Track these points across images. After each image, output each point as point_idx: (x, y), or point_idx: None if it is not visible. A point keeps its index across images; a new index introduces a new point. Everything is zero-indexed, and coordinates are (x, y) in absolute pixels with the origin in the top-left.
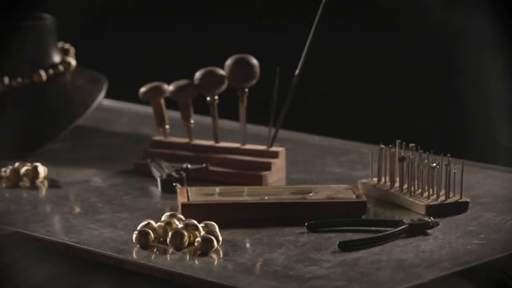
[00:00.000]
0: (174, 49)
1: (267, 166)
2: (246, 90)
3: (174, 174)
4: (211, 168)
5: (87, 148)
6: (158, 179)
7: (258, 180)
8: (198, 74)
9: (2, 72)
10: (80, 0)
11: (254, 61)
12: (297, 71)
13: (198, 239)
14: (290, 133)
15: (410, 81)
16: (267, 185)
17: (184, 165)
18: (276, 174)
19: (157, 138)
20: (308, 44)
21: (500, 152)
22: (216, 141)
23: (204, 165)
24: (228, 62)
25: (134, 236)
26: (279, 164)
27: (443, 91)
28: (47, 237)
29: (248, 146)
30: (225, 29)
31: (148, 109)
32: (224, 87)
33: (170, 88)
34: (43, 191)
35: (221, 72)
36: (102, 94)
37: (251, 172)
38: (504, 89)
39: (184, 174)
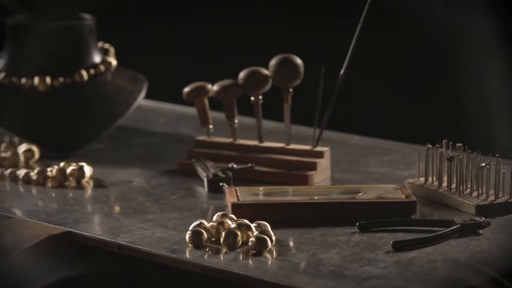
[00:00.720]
0: (209, 48)
1: (313, 166)
2: (291, 89)
3: (220, 174)
4: (256, 168)
5: (128, 148)
6: (205, 179)
7: (304, 180)
8: (242, 74)
9: (44, 72)
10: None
11: (299, 60)
12: (342, 71)
13: (252, 238)
14: (330, 133)
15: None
16: (312, 185)
17: (230, 165)
18: (321, 174)
19: (201, 138)
20: (353, 44)
21: None
22: (261, 141)
23: (249, 165)
24: (273, 61)
25: (188, 235)
26: (324, 164)
27: (490, 91)
28: (100, 237)
29: (292, 146)
30: (267, 28)
31: (185, 109)
32: (268, 86)
33: (214, 88)
34: (89, 190)
35: (266, 71)
36: (143, 94)
37: (297, 172)
38: None
39: (230, 174)
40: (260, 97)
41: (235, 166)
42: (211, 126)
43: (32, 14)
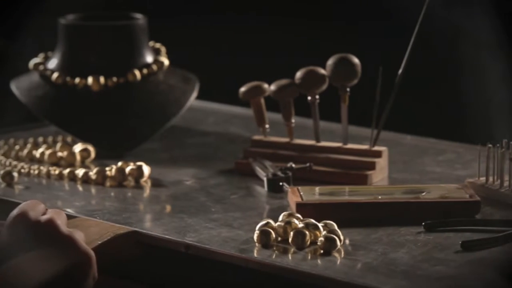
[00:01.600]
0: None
1: (371, 166)
2: (348, 89)
3: (279, 173)
4: (314, 167)
5: (181, 148)
6: (265, 179)
7: (363, 180)
8: (299, 74)
9: (98, 72)
10: None
11: (356, 60)
12: (400, 71)
13: (321, 238)
14: (382, 132)
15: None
16: (370, 185)
17: (288, 165)
18: (379, 173)
19: (257, 137)
20: (411, 44)
21: None
22: (318, 140)
23: (307, 164)
24: (330, 61)
25: (256, 235)
26: (382, 164)
27: None
28: (166, 237)
29: (350, 146)
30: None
31: (233, 109)
32: (325, 86)
33: (271, 87)
34: (148, 190)
35: (322, 71)
36: (195, 93)
37: (356, 171)
38: None
39: (290, 174)
40: (317, 96)
41: (293, 165)
42: (267, 126)
43: (84, 14)
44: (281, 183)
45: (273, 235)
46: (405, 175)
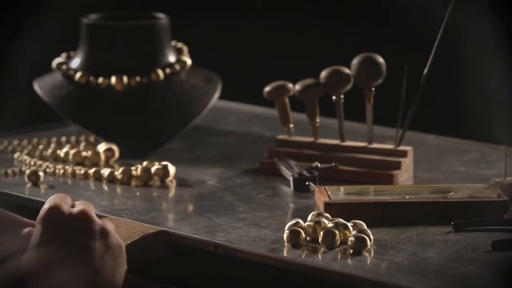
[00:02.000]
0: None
1: (397, 165)
2: (373, 89)
3: (305, 173)
4: (339, 167)
5: (204, 147)
6: (291, 178)
7: (389, 180)
8: (324, 73)
9: (121, 71)
10: None
11: (381, 59)
12: (425, 70)
13: (351, 238)
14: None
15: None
16: (396, 185)
17: (314, 164)
18: (405, 173)
19: (282, 137)
20: (437, 44)
21: None
22: (342, 140)
23: (333, 164)
24: (355, 61)
25: (285, 235)
26: (407, 163)
27: None
28: (195, 236)
29: (375, 145)
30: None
31: (254, 108)
32: (349, 86)
33: (296, 87)
34: (174, 190)
35: (347, 71)
36: (217, 93)
37: (382, 171)
38: None
39: (316, 173)
40: (342, 96)
41: (319, 165)
42: (291, 125)
43: (106, 14)
44: (307, 183)
45: (303, 234)
46: (430, 175)
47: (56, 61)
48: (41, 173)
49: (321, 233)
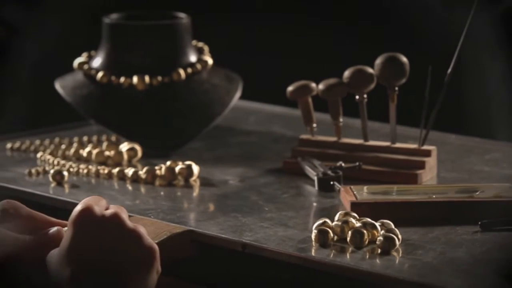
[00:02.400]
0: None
1: (421, 165)
2: (396, 88)
3: (330, 172)
4: (363, 166)
5: (225, 147)
6: (315, 178)
7: (413, 179)
8: (347, 73)
9: (142, 71)
10: None
11: (404, 59)
12: (449, 70)
13: (380, 237)
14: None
15: None
16: (420, 184)
17: (338, 164)
18: (429, 173)
19: (305, 136)
20: (461, 43)
21: None
22: (366, 139)
23: (357, 163)
24: (378, 60)
25: (314, 234)
26: (431, 163)
27: None
28: (223, 236)
29: (398, 145)
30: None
31: (274, 108)
32: (373, 85)
33: (320, 86)
34: (198, 189)
35: (370, 70)
36: (239, 93)
37: (406, 170)
38: None
39: (341, 173)
40: (365, 95)
41: (343, 164)
42: (314, 125)
43: (128, 14)
44: (331, 182)
45: (331, 234)
46: (454, 174)
47: (77, 61)
48: (65, 173)
49: (349, 232)
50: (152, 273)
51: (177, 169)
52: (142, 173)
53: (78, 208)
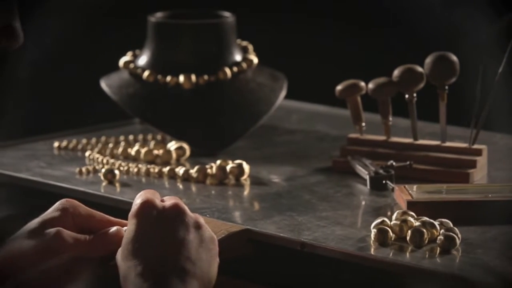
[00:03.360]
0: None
1: (472, 164)
2: (446, 87)
3: (381, 171)
4: (414, 165)
5: (271, 146)
6: (367, 177)
7: (465, 178)
8: (396, 72)
9: (188, 70)
10: None
11: (455, 58)
12: (500, 69)
13: (440, 236)
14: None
15: None
16: (472, 183)
17: (389, 163)
18: (480, 171)
19: (353, 135)
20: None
21: None
22: (415, 138)
23: (408, 162)
24: (428, 59)
25: (373, 233)
26: (482, 162)
27: None
28: (281, 235)
29: (449, 144)
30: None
31: (315, 107)
32: (422, 84)
33: (369, 85)
34: (249, 188)
35: (420, 69)
36: (284, 91)
37: (457, 169)
38: None
39: (392, 172)
40: (415, 94)
41: (394, 163)
42: (363, 124)
43: (171, 12)
44: (384, 181)
45: (390, 233)
46: (503, 173)
47: (123, 60)
48: (116, 171)
49: (409, 232)
50: (214, 262)
51: (228, 168)
52: (193, 172)
53: (138, 201)
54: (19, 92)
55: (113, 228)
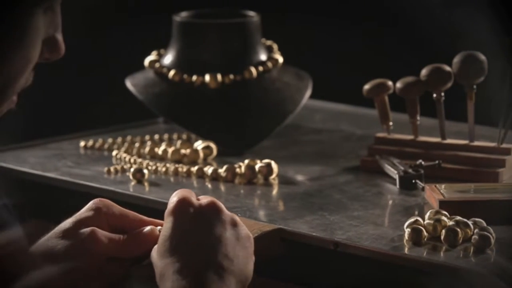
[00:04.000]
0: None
1: (501, 163)
2: (475, 87)
3: (410, 171)
4: (443, 165)
5: (297, 145)
6: (397, 176)
7: (493, 177)
8: (424, 71)
9: (214, 69)
10: None
11: (483, 57)
12: None
13: (475, 236)
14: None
15: None
16: (501, 183)
17: (418, 162)
18: (508, 171)
19: (381, 135)
20: None
21: None
22: (443, 137)
23: (436, 162)
24: (456, 59)
25: (407, 233)
26: (511, 161)
27: None
28: (314, 234)
29: (477, 143)
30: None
31: (338, 106)
32: (450, 84)
33: (397, 85)
34: (278, 187)
35: (448, 68)
36: (309, 91)
37: (486, 169)
38: None
39: (422, 171)
40: (442, 94)
41: (423, 163)
42: (391, 123)
43: (196, 12)
44: (413, 181)
45: (424, 232)
46: None
47: (148, 59)
48: (145, 171)
49: (443, 231)
50: (250, 260)
51: (257, 167)
52: (222, 171)
53: (174, 199)
54: (43, 91)
55: (147, 228)
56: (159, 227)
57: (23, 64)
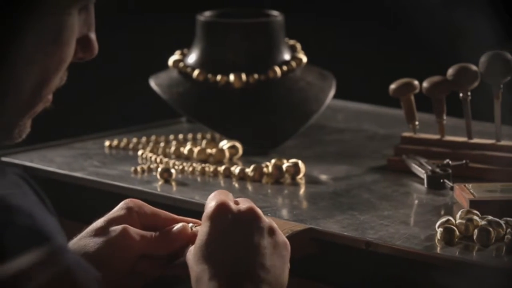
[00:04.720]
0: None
1: None
2: (501, 86)
3: (438, 170)
4: (470, 164)
5: (322, 145)
6: (424, 176)
7: None
8: (451, 70)
9: (238, 69)
10: None
11: (510, 56)
12: None
13: (508, 236)
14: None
15: None
16: None
17: (445, 161)
18: None
19: (407, 134)
20: None
21: None
22: (470, 137)
23: (464, 161)
24: (483, 58)
25: (439, 232)
26: None
27: None
28: (345, 233)
29: (504, 143)
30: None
31: (360, 106)
32: (477, 83)
33: (424, 84)
34: (306, 187)
35: (475, 68)
36: (333, 90)
37: None
38: None
39: (450, 171)
40: (469, 93)
41: (450, 162)
42: (417, 123)
43: (219, 11)
44: (442, 180)
45: (457, 232)
46: None
47: (172, 59)
48: (173, 171)
49: (476, 231)
50: (286, 269)
51: (284, 167)
52: (249, 170)
53: (212, 203)
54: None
55: (179, 225)
56: (190, 224)
57: (58, 63)
